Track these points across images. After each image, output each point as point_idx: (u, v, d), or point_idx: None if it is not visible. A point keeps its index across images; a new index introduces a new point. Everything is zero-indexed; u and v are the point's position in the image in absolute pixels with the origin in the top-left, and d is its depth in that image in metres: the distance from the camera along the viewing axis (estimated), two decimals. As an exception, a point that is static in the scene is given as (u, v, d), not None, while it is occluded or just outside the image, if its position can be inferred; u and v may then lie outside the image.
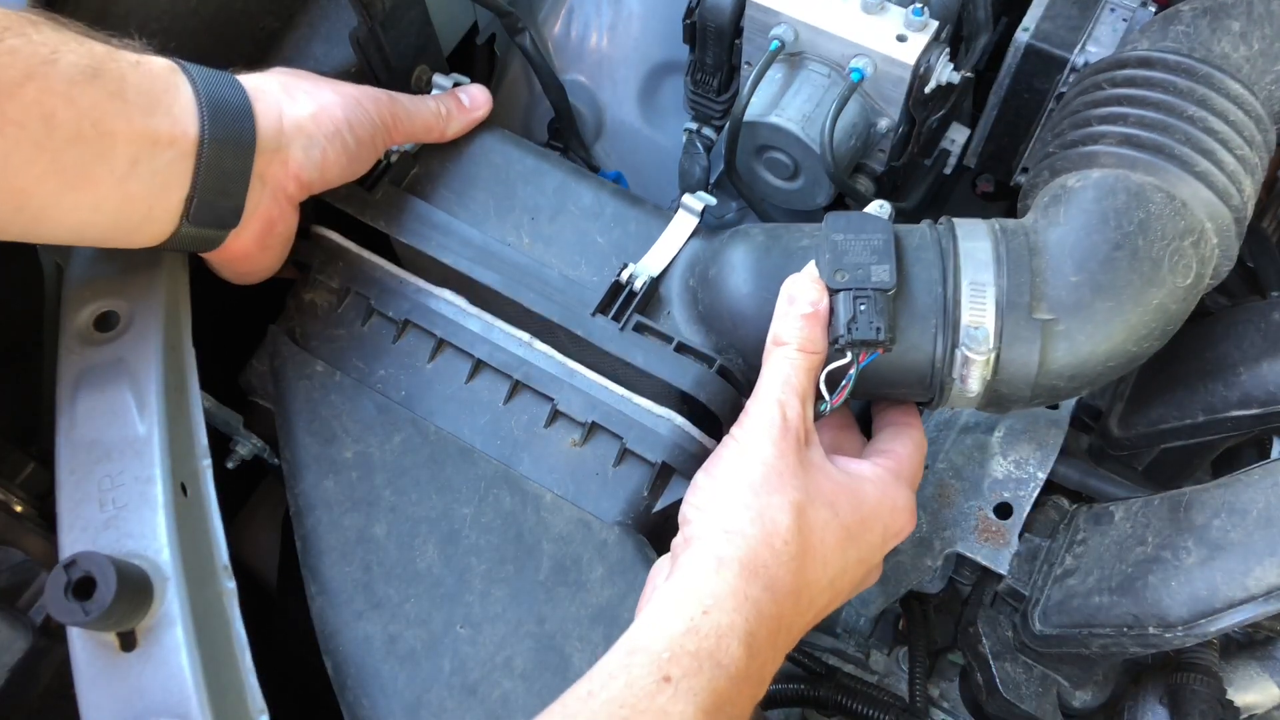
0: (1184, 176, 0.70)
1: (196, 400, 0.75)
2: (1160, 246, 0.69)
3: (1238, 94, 0.72)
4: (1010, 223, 0.73)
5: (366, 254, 0.83)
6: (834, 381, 0.68)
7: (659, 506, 0.76)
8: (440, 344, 0.80)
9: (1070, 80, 0.94)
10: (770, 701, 0.90)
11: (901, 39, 0.90)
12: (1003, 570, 0.84)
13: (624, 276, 0.78)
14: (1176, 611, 0.72)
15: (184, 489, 0.69)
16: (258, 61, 0.93)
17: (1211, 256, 0.72)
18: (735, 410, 0.71)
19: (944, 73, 0.91)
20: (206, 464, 0.73)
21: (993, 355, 0.67)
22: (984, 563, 0.85)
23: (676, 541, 0.65)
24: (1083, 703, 0.86)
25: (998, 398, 0.71)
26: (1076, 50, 0.93)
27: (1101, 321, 0.68)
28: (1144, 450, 0.95)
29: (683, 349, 0.75)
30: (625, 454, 0.76)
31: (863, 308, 0.66)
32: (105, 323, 0.74)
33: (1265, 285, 0.91)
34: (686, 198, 0.81)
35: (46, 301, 0.83)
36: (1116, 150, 0.72)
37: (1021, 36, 0.95)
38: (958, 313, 0.68)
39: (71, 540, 0.65)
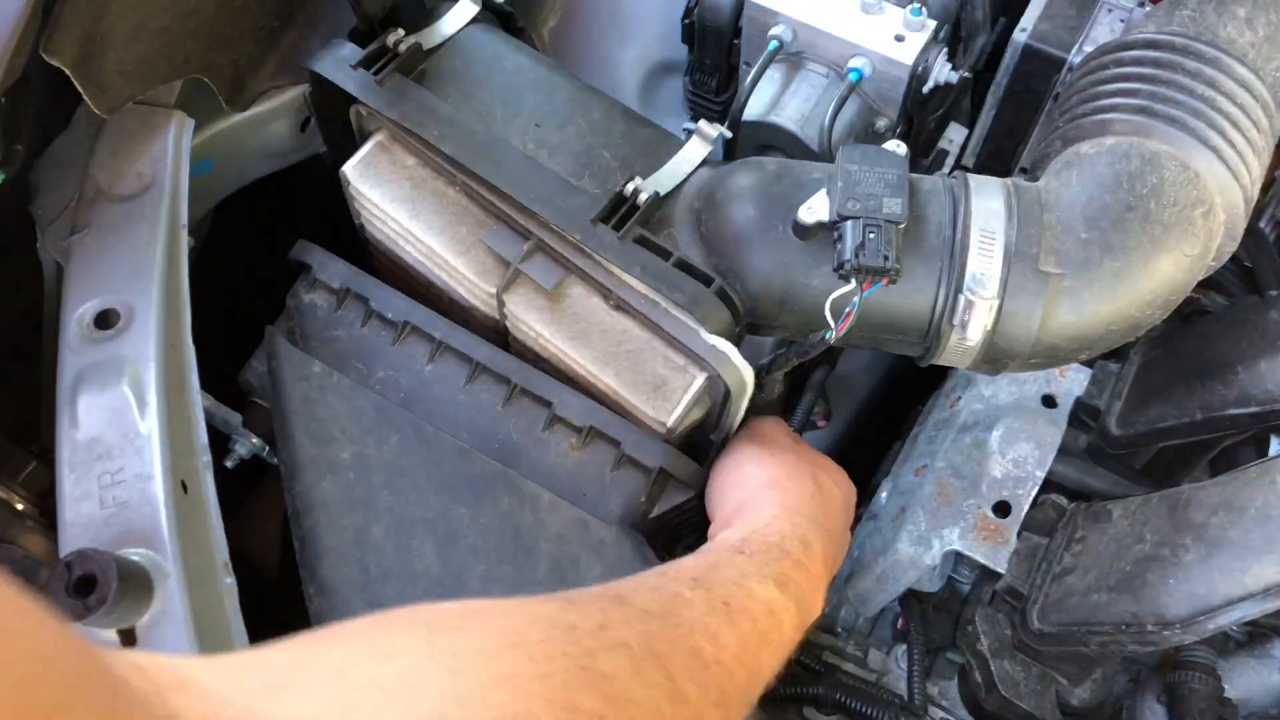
0: (1198, 147, 0.70)
1: (196, 399, 0.75)
2: (1172, 213, 0.68)
3: (1245, 78, 0.72)
4: (1024, 183, 0.73)
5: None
6: (837, 310, 0.68)
7: (656, 513, 0.76)
8: (440, 346, 0.80)
9: (1067, 80, 0.94)
10: (769, 700, 0.90)
11: (900, 39, 0.90)
12: (1001, 569, 0.84)
13: (628, 189, 0.75)
14: (1175, 609, 0.72)
15: (184, 487, 0.70)
16: (257, 61, 0.93)
17: (1218, 231, 0.71)
18: (730, 334, 0.71)
19: (942, 73, 0.91)
20: (206, 461, 0.73)
21: (996, 303, 0.67)
22: (983, 561, 0.85)
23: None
24: (1081, 700, 0.86)
25: (995, 353, 0.70)
26: (1074, 50, 0.94)
27: (1108, 282, 0.68)
28: (1142, 449, 0.95)
29: (683, 265, 0.73)
30: (623, 460, 0.76)
31: (871, 236, 0.66)
32: (105, 320, 0.74)
33: (1263, 284, 0.92)
34: (702, 124, 0.79)
35: (46, 300, 0.83)
36: (1132, 118, 0.72)
37: (1019, 37, 0.96)
38: (964, 257, 0.68)
39: (72, 537, 0.66)
